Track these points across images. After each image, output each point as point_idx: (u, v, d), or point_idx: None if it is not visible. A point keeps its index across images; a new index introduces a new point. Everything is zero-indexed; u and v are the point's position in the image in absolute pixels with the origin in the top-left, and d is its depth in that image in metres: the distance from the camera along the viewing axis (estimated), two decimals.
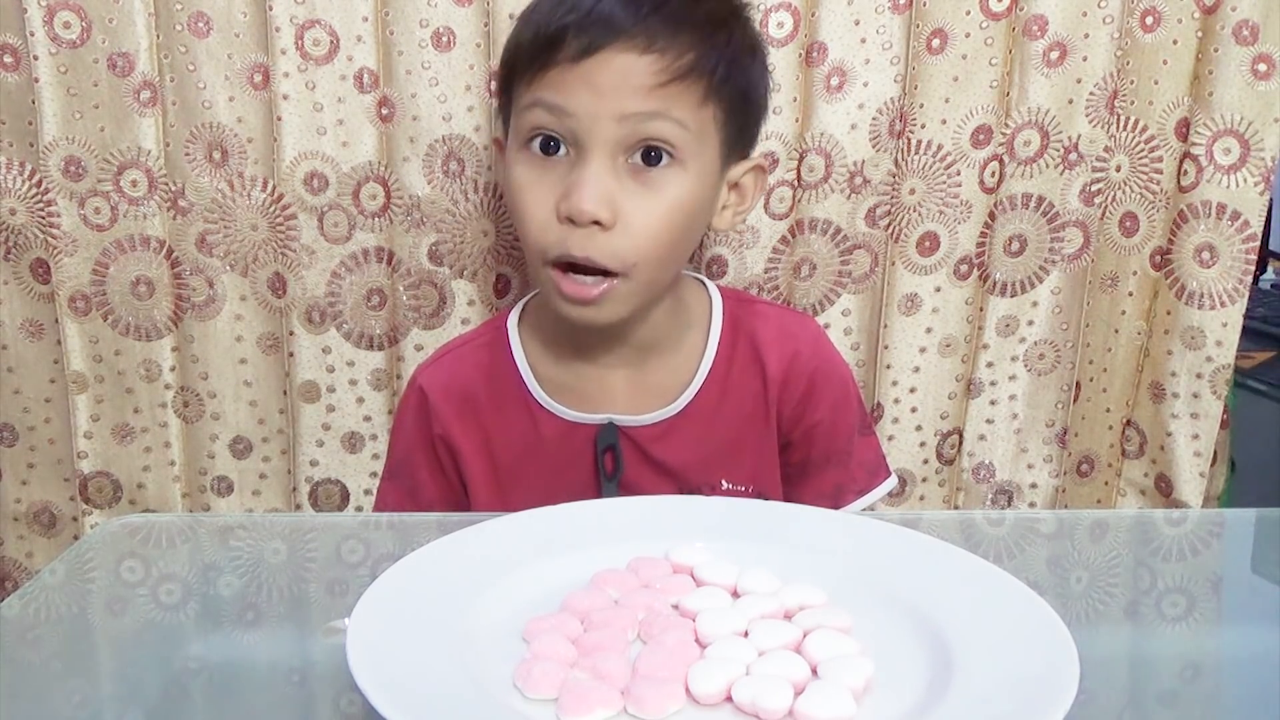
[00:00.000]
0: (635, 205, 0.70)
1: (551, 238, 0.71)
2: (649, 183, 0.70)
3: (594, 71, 0.68)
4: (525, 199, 0.72)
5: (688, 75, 0.69)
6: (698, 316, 0.81)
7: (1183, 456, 0.98)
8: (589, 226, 0.69)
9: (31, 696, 0.49)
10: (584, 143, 0.69)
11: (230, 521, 0.80)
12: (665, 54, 0.68)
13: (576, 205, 0.68)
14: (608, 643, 0.48)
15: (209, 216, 0.94)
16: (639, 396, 0.80)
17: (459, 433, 0.80)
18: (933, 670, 0.46)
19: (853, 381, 0.86)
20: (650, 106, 0.69)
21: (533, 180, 0.72)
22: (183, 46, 0.89)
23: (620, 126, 0.69)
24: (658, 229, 0.71)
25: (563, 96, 0.69)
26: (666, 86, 0.69)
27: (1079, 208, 0.97)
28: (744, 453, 0.81)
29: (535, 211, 0.71)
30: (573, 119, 0.69)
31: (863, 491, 0.83)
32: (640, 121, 0.69)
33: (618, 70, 0.68)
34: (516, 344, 0.81)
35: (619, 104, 0.68)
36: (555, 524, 0.60)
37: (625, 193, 0.70)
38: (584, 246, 0.70)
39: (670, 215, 0.71)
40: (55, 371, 0.98)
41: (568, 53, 0.68)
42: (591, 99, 0.68)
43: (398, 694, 0.42)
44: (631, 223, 0.70)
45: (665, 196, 0.71)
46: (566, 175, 0.70)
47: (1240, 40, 0.89)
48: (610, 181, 0.69)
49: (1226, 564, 0.69)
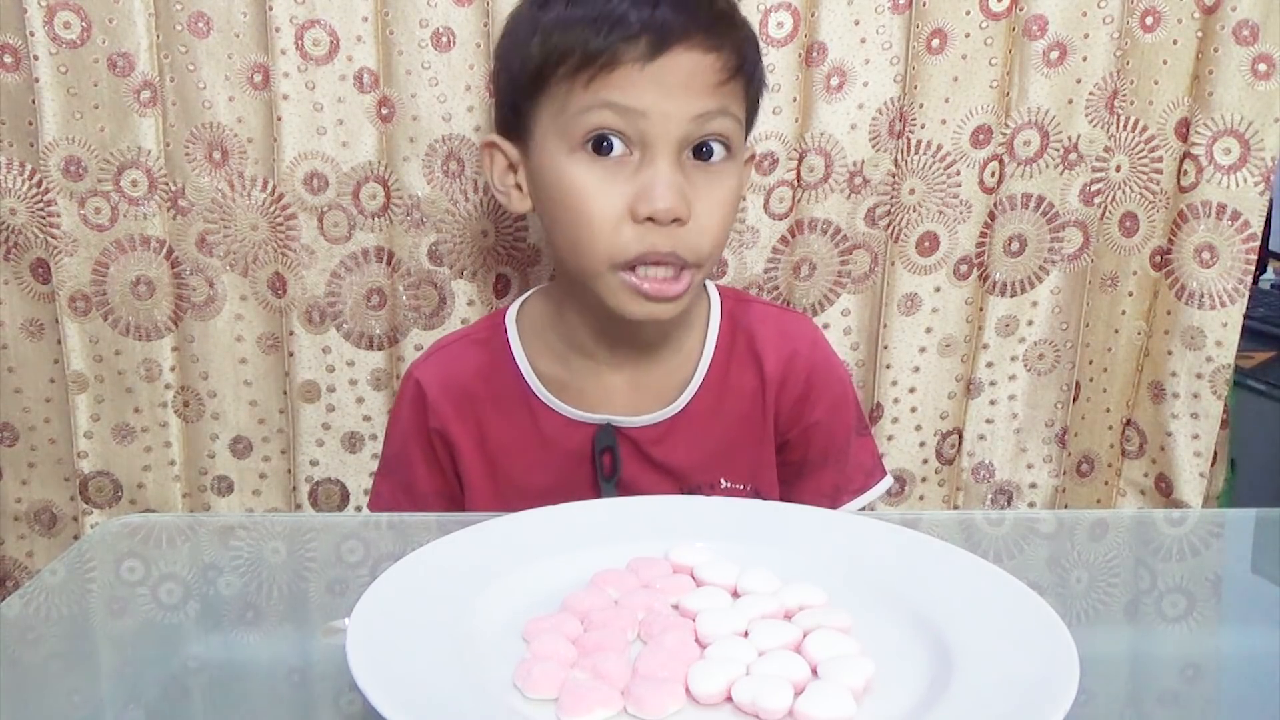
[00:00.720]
0: (703, 199, 0.71)
1: (629, 237, 0.70)
2: (710, 176, 0.72)
3: (665, 70, 0.68)
4: (591, 203, 0.70)
5: (739, 72, 0.71)
6: (697, 316, 0.81)
7: (1183, 456, 0.98)
8: (670, 225, 0.70)
9: (31, 696, 0.49)
10: (652, 142, 0.69)
11: (230, 521, 0.80)
12: (723, 50, 0.70)
13: (662, 205, 0.69)
14: (608, 643, 0.48)
15: (209, 216, 0.94)
16: (638, 397, 0.80)
17: (456, 428, 0.80)
18: (933, 670, 0.46)
19: (850, 382, 0.86)
20: (717, 104, 0.70)
21: (594, 182, 0.70)
22: (183, 46, 0.89)
23: (690, 125, 0.69)
24: (723, 219, 0.73)
25: (633, 97, 0.68)
26: (726, 84, 0.70)
27: (1079, 208, 0.97)
28: (742, 452, 0.81)
29: (605, 214, 0.70)
30: (644, 119, 0.69)
31: (859, 492, 0.83)
32: (708, 120, 0.70)
33: (688, 68, 0.69)
34: (515, 341, 0.81)
35: (690, 103, 0.69)
36: (555, 524, 0.60)
37: (693, 187, 0.71)
38: (671, 243, 0.70)
39: (731, 205, 0.73)
40: (55, 371, 0.98)
41: (635, 52, 0.68)
42: (663, 99, 0.68)
43: (398, 694, 0.42)
44: (702, 217, 0.71)
45: (725, 188, 0.73)
46: (633, 175, 0.70)
47: (1240, 40, 0.89)
48: (680, 178, 0.70)
49: (1226, 564, 0.69)
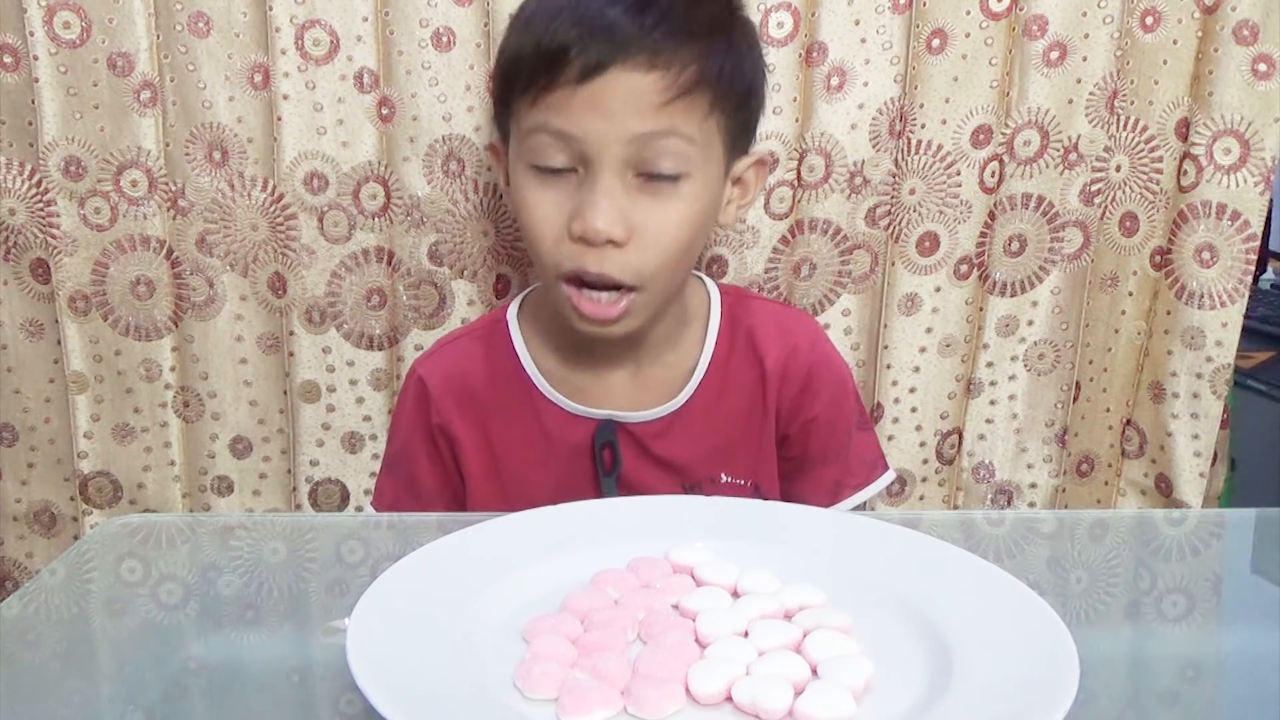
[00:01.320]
0: (648, 220, 0.69)
1: (564, 254, 0.70)
2: (659, 196, 0.70)
3: (600, 93, 0.67)
4: (535, 217, 0.71)
5: (693, 89, 0.68)
6: (696, 313, 0.81)
7: (1183, 456, 0.98)
8: (603, 245, 0.69)
9: (31, 696, 0.49)
10: (592, 162, 0.68)
11: (230, 521, 0.80)
12: (670, 70, 0.67)
13: (591, 225, 0.68)
14: (608, 643, 0.48)
15: (209, 216, 0.94)
16: (639, 392, 0.80)
17: (459, 423, 0.80)
18: (933, 670, 0.46)
19: (850, 377, 0.86)
20: (658, 125, 0.68)
21: (541, 199, 0.71)
22: (183, 46, 0.89)
23: (628, 147, 0.68)
24: (670, 241, 0.71)
25: (568, 121, 0.67)
26: (672, 104, 0.68)
27: (1079, 208, 0.97)
28: (743, 448, 0.81)
29: (546, 230, 0.71)
30: (580, 143, 0.68)
31: (860, 486, 0.83)
32: (648, 141, 0.68)
33: (624, 91, 0.67)
34: (517, 336, 0.81)
35: (626, 126, 0.67)
36: (555, 524, 0.60)
37: (637, 208, 0.69)
38: (600, 264, 0.69)
39: (682, 226, 0.71)
40: (55, 371, 0.98)
41: (571, 73, 0.66)
42: (598, 122, 0.67)
43: (398, 694, 0.42)
44: (645, 237, 0.69)
45: (677, 209, 0.70)
46: (575, 192, 0.69)
47: (1240, 40, 0.89)
48: (622, 198, 0.69)
49: (1226, 564, 0.69)
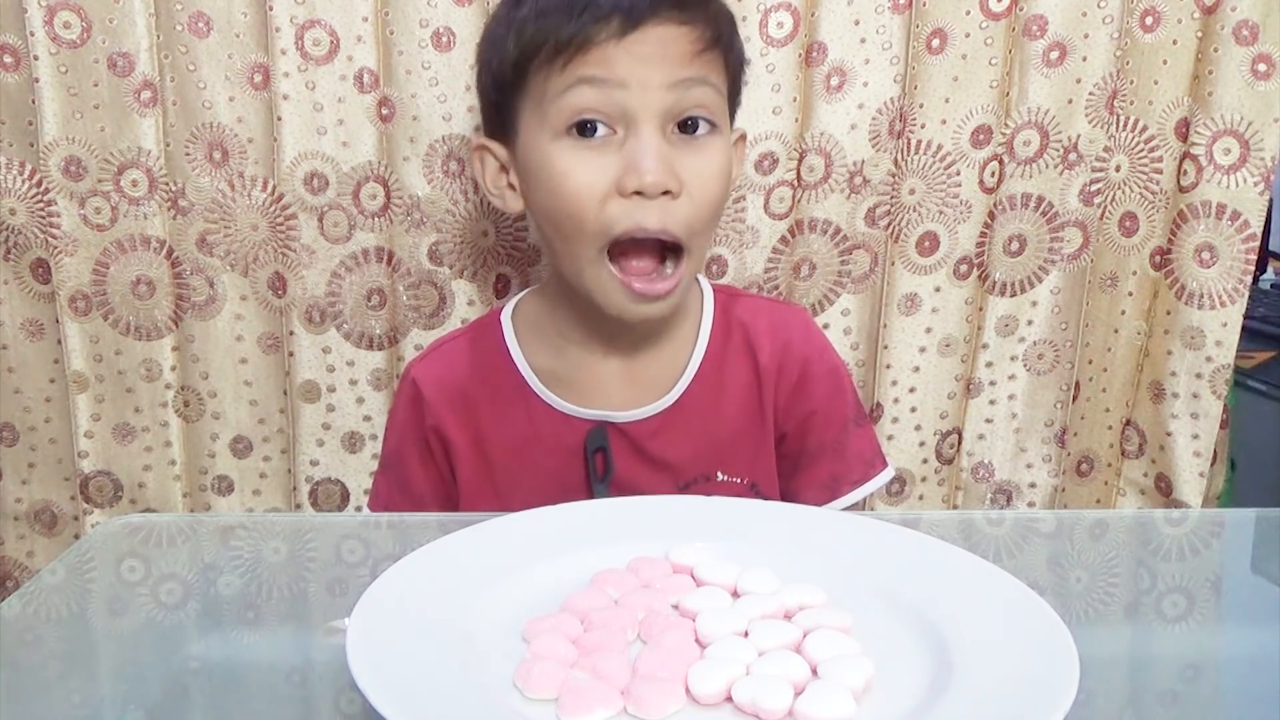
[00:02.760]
0: (693, 171, 0.70)
1: (615, 213, 0.69)
2: (697, 149, 0.71)
3: (639, 44, 0.69)
4: (575, 182, 0.70)
5: (717, 44, 0.71)
6: (689, 308, 0.81)
7: (1182, 456, 0.98)
8: (659, 198, 0.69)
9: (31, 696, 0.49)
10: (635, 115, 0.69)
11: (230, 521, 0.80)
12: (697, 24, 0.70)
13: (650, 176, 0.68)
14: (608, 643, 0.48)
15: (209, 216, 0.94)
16: (632, 389, 0.80)
17: (452, 426, 0.80)
18: (933, 670, 0.46)
19: (845, 372, 0.85)
20: (696, 72, 0.70)
21: (579, 161, 0.70)
22: (183, 46, 0.89)
23: (670, 93, 0.69)
24: (714, 193, 0.72)
25: (610, 71, 0.69)
26: (703, 54, 0.70)
27: (1079, 208, 0.97)
28: (739, 445, 0.81)
29: (590, 191, 0.69)
30: (623, 91, 0.69)
31: (859, 482, 0.83)
32: (688, 88, 0.70)
33: (661, 40, 0.69)
34: (511, 337, 0.81)
35: (668, 71, 0.69)
36: (555, 524, 0.60)
37: (679, 160, 0.70)
38: (660, 218, 0.69)
39: (721, 178, 0.73)
40: (55, 371, 0.98)
41: (609, 30, 0.68)
42: (641, 69, 0.69)
43: (398, 694, 0.42)
44: (693, 189, 0.70)
45: (714, 160, 0.72)
46: (617, 153, 0.70)
47: (1240, 40, 0.89)
48: (668, 150, 0.70)
49: (1226, 564, 0.69)
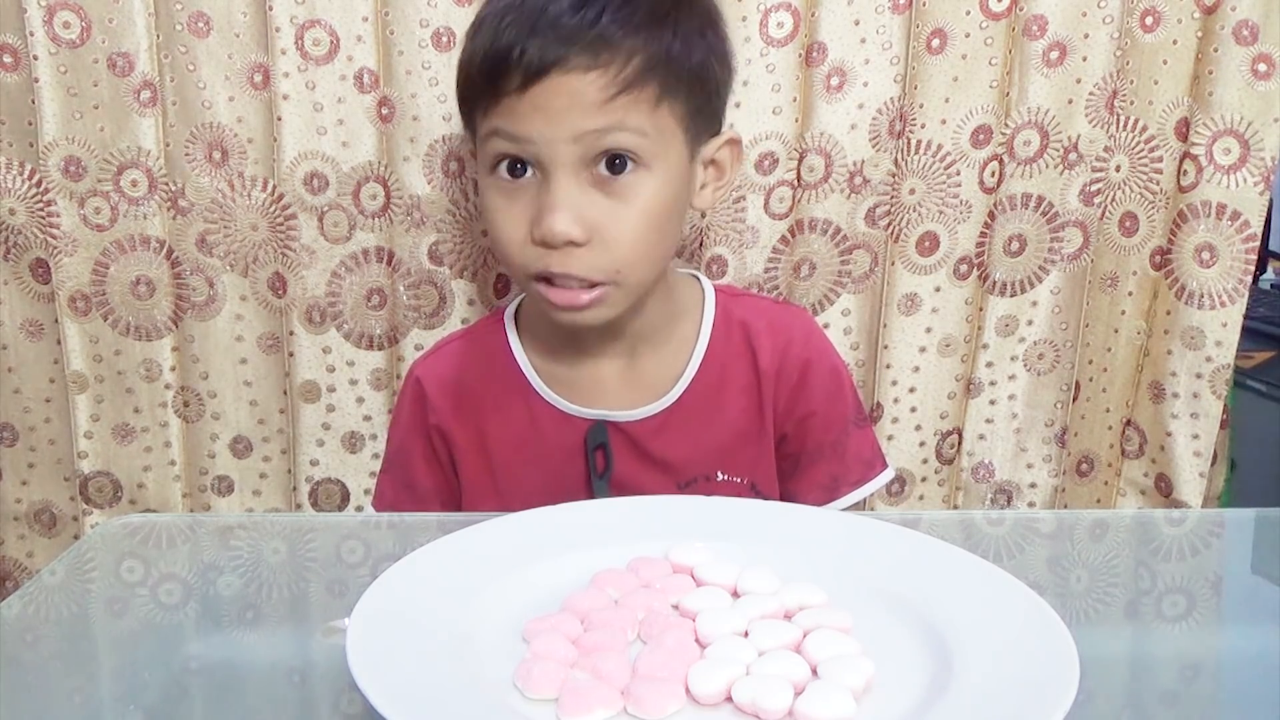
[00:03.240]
0: (609, 218, 0.70)
1: (530, 257, 0.71)
2: (618, 192, 0.70)
3: (542, 96, 0.68)
4: (499, 223, 0.73)
5: (636, 83, 0.68)
6: (689, 308, 0.81)
7: (1183, 456, 0.98)
8: (564, 247, 0.69)
9: (31, 696, 0.49)
10: (546, 165, 0.69)
11: (230, 521, 0.80)
12: (610, 66, 0.68)
13: (550, 229, 0.69)
14: (608, 643, 0.48)
15: (209, 216, 0.94)
16: (632, 389, 0.80)
17: (455, 424, 0.81)
18: (933, 670, 0.46)
19: (846, 373, 0.85)
20: (605, 122, 0.68)
21: (504, 205, 0.72)
22: (183, 46, 0.89)
23: (577, 145, 0.69)
24: (634, 237, 0.71)
25: (516, 124, 0.69)
26: (616, 99, 0.68)
27: (1079, 208, 0.97)
28: (739, 445, 0.81)
29: (511, 235, 0.72)
30: (532, 145, 0.69)
31: (858, 484, 0.83)
32: (597, 137, 0.69)
33: (566, 92, 0.68)
34: (513, 336, 0.82)
35: (572, 125, 0.68)
36: (555, 524, 0.60)
37: (596, 208, 0.70)
38: (564, 265, 0.70)
39: (645, 219, 0.71)
40: (55, 371, 0.98)
41: (514, 80, 0.68)
42: (545, 124, 0.68)
43: (398, 694, 0.42)
44: (608, 236, 0.70)
45: (637, 203, 0.71)
46: (536, 196, 0.70)
47: (1240, 40, 0.89)
48: (579, 198, 0.69)
49: (1226, 564, 0.69)
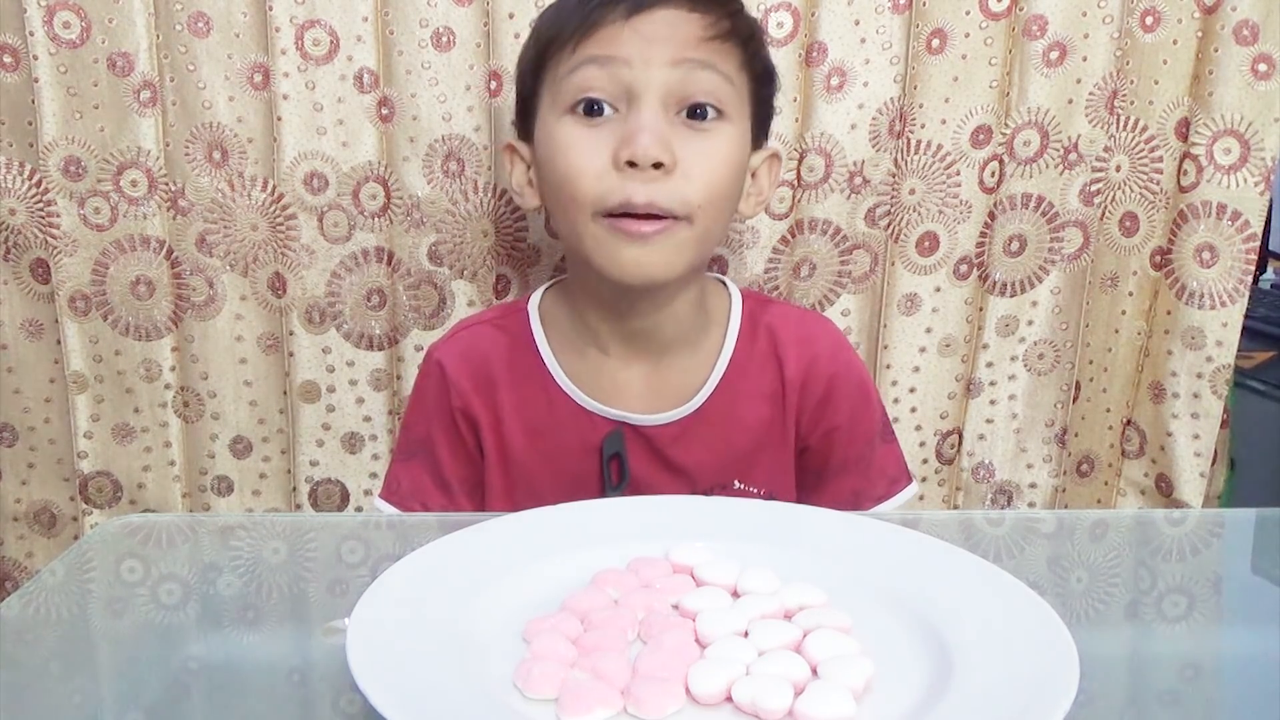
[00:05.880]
0: (692, 151, 0.70)
1: (609, 186, 0.70)
2: (701, 133, 0.71)
3: (646, 25, 0.69)
4: (574, 154, 0.71)
5: (729, 37, 0.71)
6: (717, 315, 0.80)
7: (1183, 456, 0.98)
8: (649, 171, 0.68)
9: (31, 696, 0.49)
10: (637, 92, 0.70)
11: (230, 521, 0.80)
12: (709, 14, 0.71)
13: (640, 148, 0.68)
14: (608, 643, 0.48)
15: (209, 216, 0.94)
16: (654, 395, 0.78)
17: (477, 405, 0.79)
18: (933, 670, 0.46)
19: (873, 387, 0.84)
20: (702, 55, 0.70)
21: (581, 137, 0.71)
22: (183, 46, 0.89)
23: (673, 72, 0.70)
24: (715, 176, 0.71)
25: (616, 48, 0.70)
26: (712, 42, 0.71)
27: (1079, 208, 0.97)
28: (760, 456, 0.79)
29: (588, 163, 0.70)
30: (626, 68, 0.69)
31: (882, 499, 0.81)
32: (692, 69, 0.70)
33: (668, 23, 0.70)
34: (537, 326, 0.80)
35: (672, 50, 0.70)
36: (555, 524, 0.60)
37: (680, 140, 0.70)
38: (647, 191, 0.69)
39: (726, 164, 0.72)
40: (55, 371, 0.98)
41: (617, 12, 0.69)
42: (645, 47, 0.69)
43: (398, 694, 0.42)
44: (690, 169, 0.70)
45: (718, 145, 0.72)
46: (618, 130, 0.70)
47: (1240, 40, 0.89)
48: (666, 128, 0.70)
49: (1226, 564, 0.69)
